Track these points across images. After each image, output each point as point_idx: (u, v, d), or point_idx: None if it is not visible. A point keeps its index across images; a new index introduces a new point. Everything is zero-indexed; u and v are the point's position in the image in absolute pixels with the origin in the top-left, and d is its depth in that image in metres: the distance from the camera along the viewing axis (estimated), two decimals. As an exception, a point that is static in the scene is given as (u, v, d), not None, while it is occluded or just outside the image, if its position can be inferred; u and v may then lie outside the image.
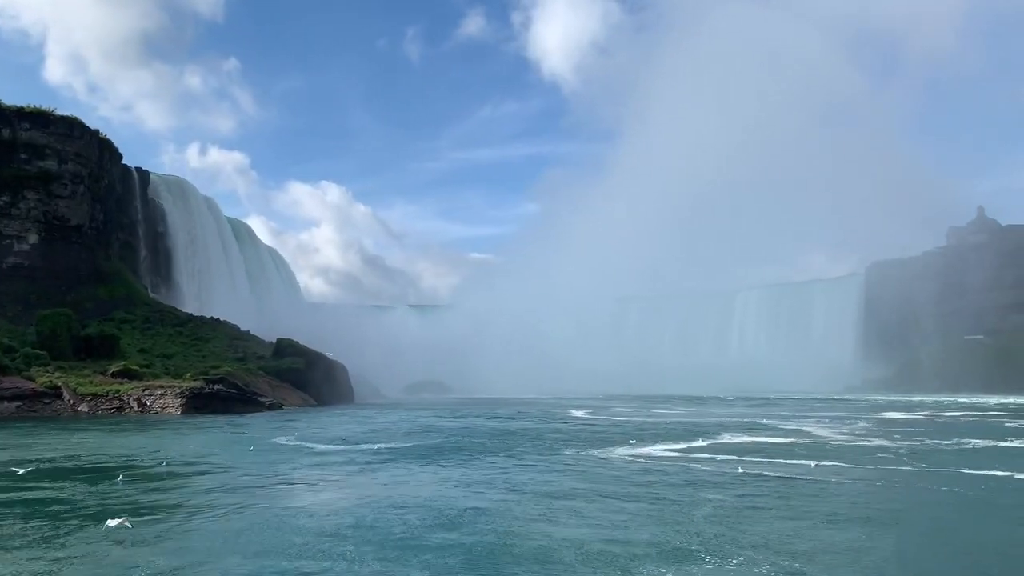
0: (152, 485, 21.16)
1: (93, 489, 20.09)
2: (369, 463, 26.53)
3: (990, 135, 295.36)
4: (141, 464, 25.53)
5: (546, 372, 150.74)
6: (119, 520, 12.57)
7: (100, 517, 15.71)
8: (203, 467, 25.12)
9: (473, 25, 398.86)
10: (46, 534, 14.61)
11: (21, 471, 23.69)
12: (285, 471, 24.58)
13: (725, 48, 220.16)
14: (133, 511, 16.17)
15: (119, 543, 12.97)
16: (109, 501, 18.34)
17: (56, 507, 17.60)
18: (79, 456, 28.42)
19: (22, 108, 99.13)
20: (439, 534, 14.77)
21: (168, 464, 24.99)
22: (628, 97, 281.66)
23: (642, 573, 12.16)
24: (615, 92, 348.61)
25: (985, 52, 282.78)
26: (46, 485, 21.08)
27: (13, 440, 35.63)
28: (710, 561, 12.79)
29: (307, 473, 24.31)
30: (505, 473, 23.81)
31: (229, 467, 25.17)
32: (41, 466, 25.35)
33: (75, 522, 15.72)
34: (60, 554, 13.15)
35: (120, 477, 21.38)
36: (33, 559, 12.81)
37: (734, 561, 12.74)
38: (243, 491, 20.29)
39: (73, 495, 19.23)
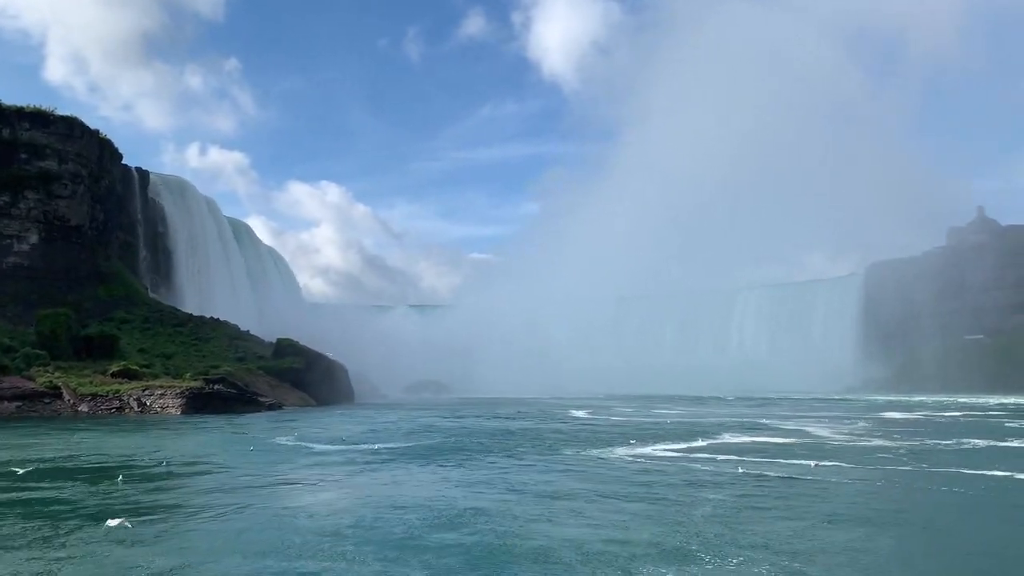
0: (152, 485, 21.17)
1: (93, 489, 20.11)
2: (368, 463, 26.53)
3: (990, 135, 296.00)
4: (141, 464, 25.51)
5: (546, 372, 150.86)
6: (119, 520, 12.55)
7: (100, 517, 15.72)
8: (202, 467, 25.12)
9: (473, 25, 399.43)
10: (46, 534, 14.62)
11: (21, 471, 23.69)
12: (284, 471, 24.59)
13: (725, 48, 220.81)
14: (133, 511, 16.19)
15: (119, 543, 12.99)
16: (109, 501, 18.34)
17: (56, 507, 17.62)
18: (79, 456, 28.43)
19: (22, 108, 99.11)
20: (438, 534, 14.77)
21: (167, 464, 24.99)
22: (628, 97, 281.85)
23: (642, 573, 12.16)
24: (615, 92, 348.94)
25: (985, 52, 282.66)
26: (46, 485, 21.09)
27: (14, 440, 35.65)
28: (710, 561, 12.80)
29: (306, 473, 24.30)
30: (505, 473, 23.82)
31: (228, 467, 25.18)
32: (41, 466, 25.36)
33: (75, 522, 15.73)
34: (60, 554, 13.15)
35: (120, 477, 21.39)
36: (33, 558, 12.82)
37: (733, 561, 12.76)
38: (242, 491, 20.31)
39: (73, 495, 19.25)
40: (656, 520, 16.20)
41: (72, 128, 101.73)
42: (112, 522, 12.41)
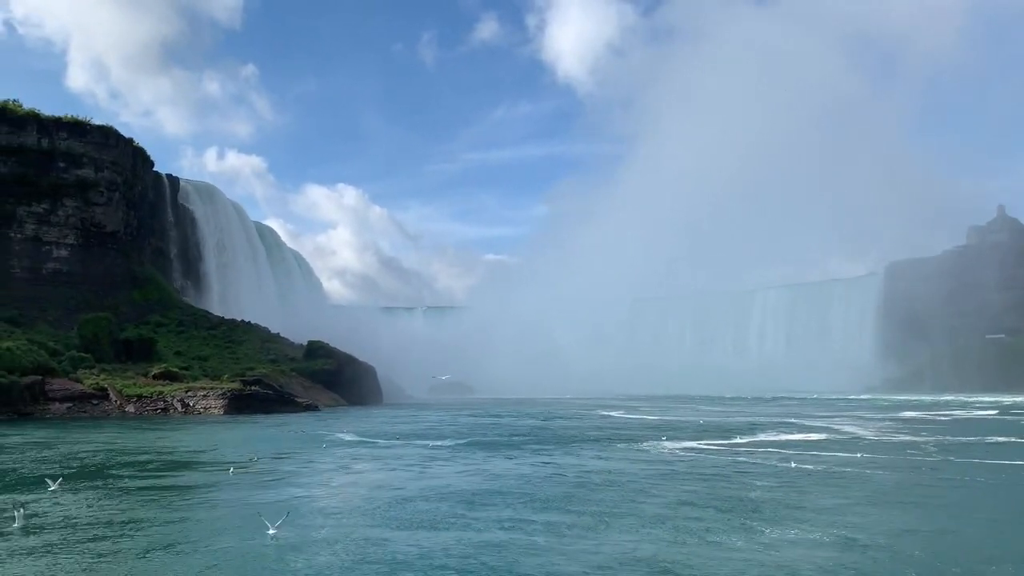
0: (263, 475, 23.48)
1: (216, 479, 22.51)
2: (443, 456, 28.73)
3: (996, 135, 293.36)
4: (235, 458, 27.54)
5: (563, 373, 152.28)
6: (281, 517, 14.42)
7: (242, 499, 18.07)
8: (293, 460, 27.36)
9: (487, 29, 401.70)
10: (204, 517, 16.97)
11: (136, 461, 26.01)
12: (370, 463, 26.88)
13: (737, 52, 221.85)
14: (267, 494, 18.43)
15: (275, 518, 15.11)
16: (239, 488, 20.77)
17: (195, 491, 20.10)
18: (174, 450, 30.88)
19: (60, 118, 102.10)
20: (542, 509, 17.12)
21: (259, 458, 27.08)
22: (642, 99, 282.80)
23: (716, 539, 14.40)
24: (629, 94, 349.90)
25: (987, 52, 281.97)
26: (172, 474, 23.65)
27: (99, 437, 37.97)
28: (771, 531, 15.10)
29: (393, 464, 26.51)
30: (572, 462, 26.14)
31: (315, 460, 27.43)
32: (150, 457, 27.77)
33: (226, 502, 18.18)
34: (231, 532, 15.38)
35: (231, 469, 23.70)
36: (209, 536, 15.04)
37: (791, 533, 15.00)
38: (347, 476, 22.83)
39: (202, 482, 21.76)
40: (719, 499, 18.43)
41: (107, 137, 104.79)
42: (270, 526, 14.23)
